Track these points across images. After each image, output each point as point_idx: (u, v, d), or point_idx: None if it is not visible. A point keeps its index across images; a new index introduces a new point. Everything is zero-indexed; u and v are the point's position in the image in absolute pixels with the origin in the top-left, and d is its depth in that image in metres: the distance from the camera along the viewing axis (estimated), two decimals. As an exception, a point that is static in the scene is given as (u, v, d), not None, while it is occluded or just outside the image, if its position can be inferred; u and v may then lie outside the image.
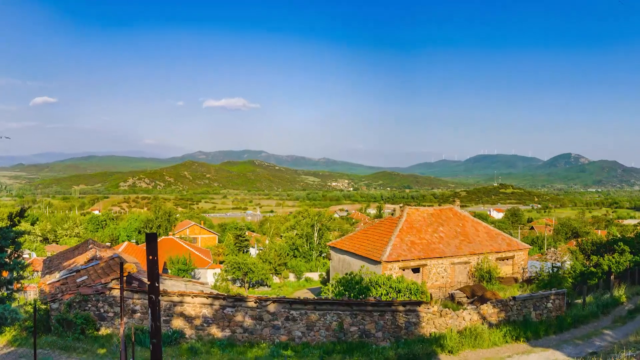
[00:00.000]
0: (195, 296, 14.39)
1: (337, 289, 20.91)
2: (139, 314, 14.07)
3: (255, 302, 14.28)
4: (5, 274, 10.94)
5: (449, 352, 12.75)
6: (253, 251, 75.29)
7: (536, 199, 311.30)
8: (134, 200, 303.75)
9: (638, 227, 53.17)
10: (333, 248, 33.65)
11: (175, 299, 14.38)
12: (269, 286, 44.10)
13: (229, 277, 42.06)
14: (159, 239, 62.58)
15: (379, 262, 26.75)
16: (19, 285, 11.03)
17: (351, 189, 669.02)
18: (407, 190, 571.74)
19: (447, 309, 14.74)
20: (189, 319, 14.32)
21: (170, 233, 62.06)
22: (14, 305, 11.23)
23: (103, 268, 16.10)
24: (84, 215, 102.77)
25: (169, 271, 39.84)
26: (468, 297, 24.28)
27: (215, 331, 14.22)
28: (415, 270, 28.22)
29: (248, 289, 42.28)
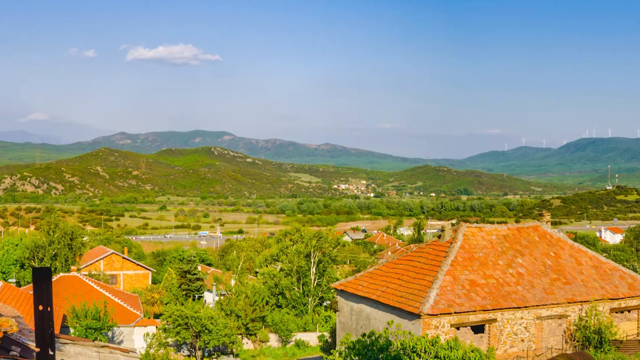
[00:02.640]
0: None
1: (348, 361, 20.89)
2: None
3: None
4: None
5: None
6: (210, 297, 75.35)
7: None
8: (13, 214, 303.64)
9: None
10: (342, 292, 33.65)
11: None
12: (236, 355, 44.08)
13: (171, 341, 42.03)
14: (54, 278, 61.61)
15: (418, 316, 26.78)
16: None
17: (371, 194, 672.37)
18: (464, 198, 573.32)
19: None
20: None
21: (73, 268, 62.10)
22: None
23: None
24: None
25: (72, 330, 39.80)
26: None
27: None
28: (478, 328, 28.26)
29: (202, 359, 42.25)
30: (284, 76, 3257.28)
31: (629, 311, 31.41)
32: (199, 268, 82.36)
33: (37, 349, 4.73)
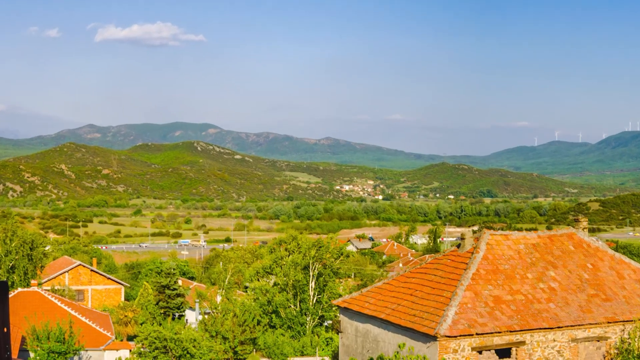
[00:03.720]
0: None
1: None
2: None
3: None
4: None
5: None
6: (192, 316, 75.34)
7: None
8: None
9: None
10: (346, 311, 33.68)
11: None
12: (223, 383, 44.04)
13: (147, 367, 42.00)
14: (11, 294, 61.71)
15: (434, 338, 26.80)
16: None
17: (380, 196, 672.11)
18: (488, 200, 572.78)
19: None
20: None
21: (34, 282, 62.09)
22: None
23: None
24: None
25: (32, 354, 39.80)
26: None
27: None
28: (503, 352, 28.27)
29: (183, 388, 42.22)
30: (278, 60, 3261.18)
31: (679, 332, 31.39)
32: (180, 282, 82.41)
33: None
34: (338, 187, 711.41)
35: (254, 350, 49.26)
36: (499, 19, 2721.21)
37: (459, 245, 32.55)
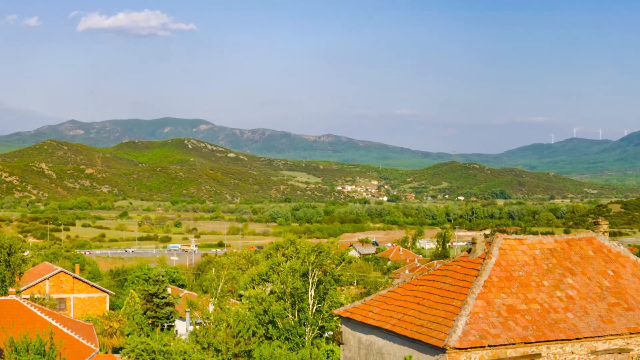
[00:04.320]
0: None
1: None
2: None
3: None
4: None
5: None
6: (182, 327, 75.32)
7: None
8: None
9: None
10: (348, 321, 33.67)
11: None
12: (216, 399, 44.05)
13: (134, 381, 42.02)
14: (-12, 303, 60.90)
15: (443, 350, 26.78)
16: None
17: (384, 198, 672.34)
18: (501, 202, 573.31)
19: None
20: None
21: (12, 290, 62.09)
22: None
23: None
24: None
25: (10, 368, 39.78)
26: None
27: None
28: (518, 366, 28.20)
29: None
30: (275, 50, 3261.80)
31: None
32: (169, 290, 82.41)
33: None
34: (339, 188, 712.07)
35: (249, 363, 49.28)
36: (515, 6, 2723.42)
37: (469, 251, 32.57)
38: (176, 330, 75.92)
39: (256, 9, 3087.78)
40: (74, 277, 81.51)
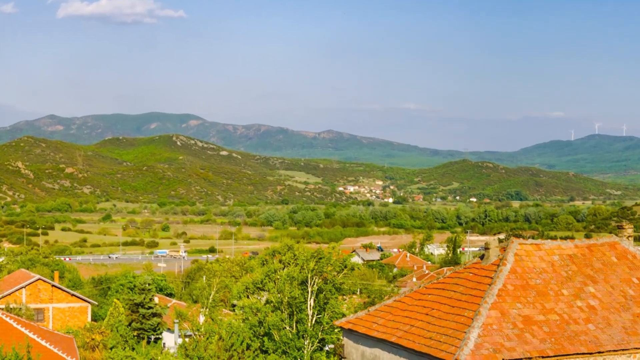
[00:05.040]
0: None
1: None
2: None
3: None
4: None
5: None
6: (170, 339, 75.24)
7: None
8: None
9: None
10: (350, 333, 33.65)
11: None
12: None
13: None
14: (-40, 313, 60.90)
15: (453, 365, 26.76)
16: None
17: (390, 199, 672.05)
18: (516, 204, 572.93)
19: None
20: None
21: (-15, 299, 62.11)
22: None
23: None
24: None
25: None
26: None
27: None
28: (535, 381, 28.19)
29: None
30: (271, 39, 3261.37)
31: None
32: (156, 300, 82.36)
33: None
34: (341, 189, 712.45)
35: (243, 379, 49.29)
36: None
37: (482, 257, 32.58)
38: (164, 343, 75.88)
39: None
40: (53, 286, 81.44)
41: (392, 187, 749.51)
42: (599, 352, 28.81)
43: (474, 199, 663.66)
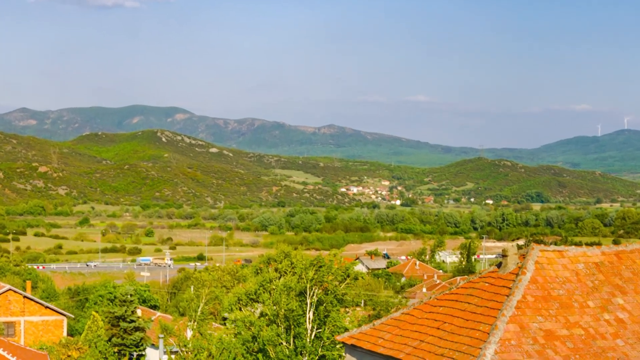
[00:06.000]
0: None
1: None
2: None
3: None
4: None
5: None
6: (155, 356, 75.29)
7: None
8: None
9: None
10: (353, 349, 33.67)
11: None
12: None
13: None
14: None
15: (468, 384, 26.81)
16: None
17: (398, 201, 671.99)
18: (537, 207, 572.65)
19: None
20: None
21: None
22: None
23: None
24: None
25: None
26: None
27: None
28: (557, 403, 28.24)
29: None
30: (266, 26, 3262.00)
31: None
32: (139, 312, 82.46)
33: None
34: (343, 190, 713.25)
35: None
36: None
37: (499, 265, 32.62)
38: (147, 360, 76.00)
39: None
40: (25, 297, 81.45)
41: (399, 188, 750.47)
42: (629, 370, 28.86)
43: (490, 201, 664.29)
